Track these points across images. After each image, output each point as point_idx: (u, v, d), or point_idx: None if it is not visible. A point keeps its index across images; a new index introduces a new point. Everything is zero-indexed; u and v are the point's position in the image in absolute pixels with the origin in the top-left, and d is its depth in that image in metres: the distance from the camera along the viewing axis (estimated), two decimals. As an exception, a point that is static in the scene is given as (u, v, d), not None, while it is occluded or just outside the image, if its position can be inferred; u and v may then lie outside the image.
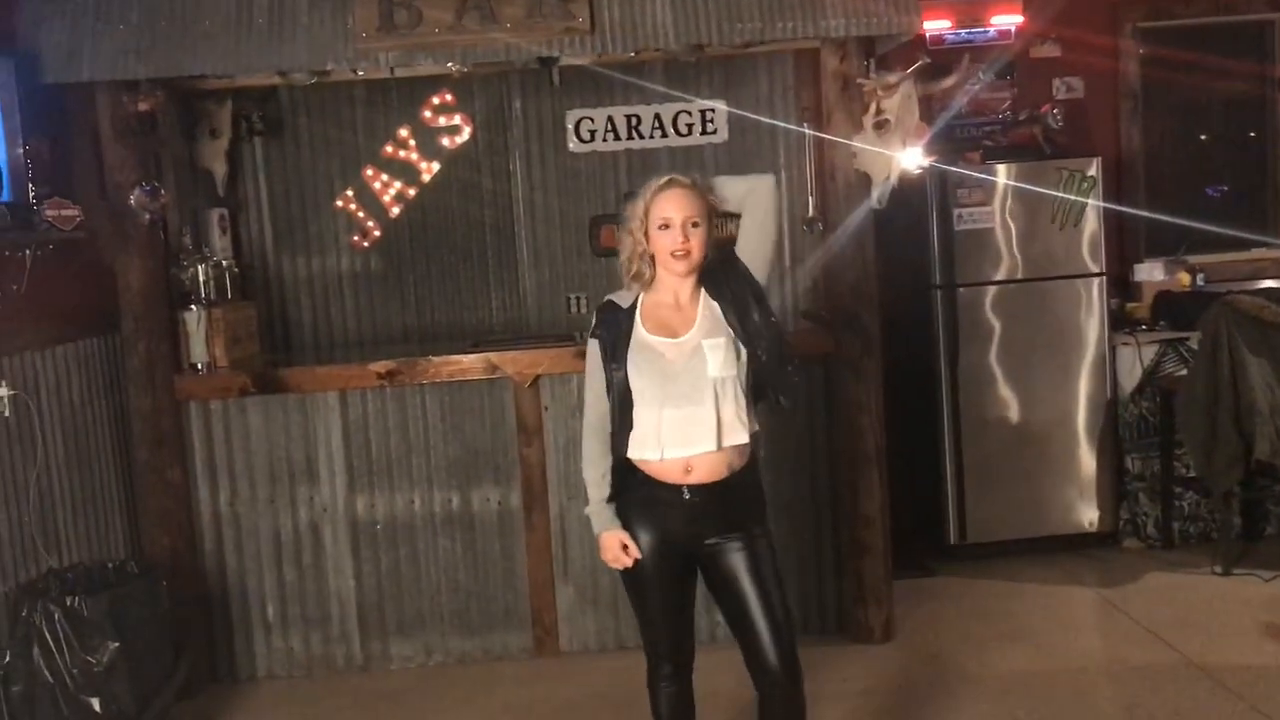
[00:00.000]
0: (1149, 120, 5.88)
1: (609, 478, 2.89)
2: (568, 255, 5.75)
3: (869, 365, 4.37)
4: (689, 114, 5.70)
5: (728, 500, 2.80)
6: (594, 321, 2.92)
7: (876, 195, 4.23)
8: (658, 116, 5.71)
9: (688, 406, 2.75)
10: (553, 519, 4.44)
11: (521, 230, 5.73)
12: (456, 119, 5.67)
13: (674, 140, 5.72)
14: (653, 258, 2.82)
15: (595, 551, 4.29)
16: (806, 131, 5.33)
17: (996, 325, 5.22)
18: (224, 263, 4.72)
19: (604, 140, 5.71)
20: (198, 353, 4.35)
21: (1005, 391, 5.23)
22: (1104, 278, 5.24)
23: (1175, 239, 5.77)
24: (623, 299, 2.92)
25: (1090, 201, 5.17)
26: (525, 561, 4.45)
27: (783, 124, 5.50)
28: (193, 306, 4.38)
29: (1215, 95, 6.02)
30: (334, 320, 5.70)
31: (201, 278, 4.50)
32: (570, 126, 5.69)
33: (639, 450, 2.81)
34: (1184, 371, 5.17)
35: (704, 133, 5.72)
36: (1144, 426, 5.27)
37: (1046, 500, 5.28)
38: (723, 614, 2.92)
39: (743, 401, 2.78)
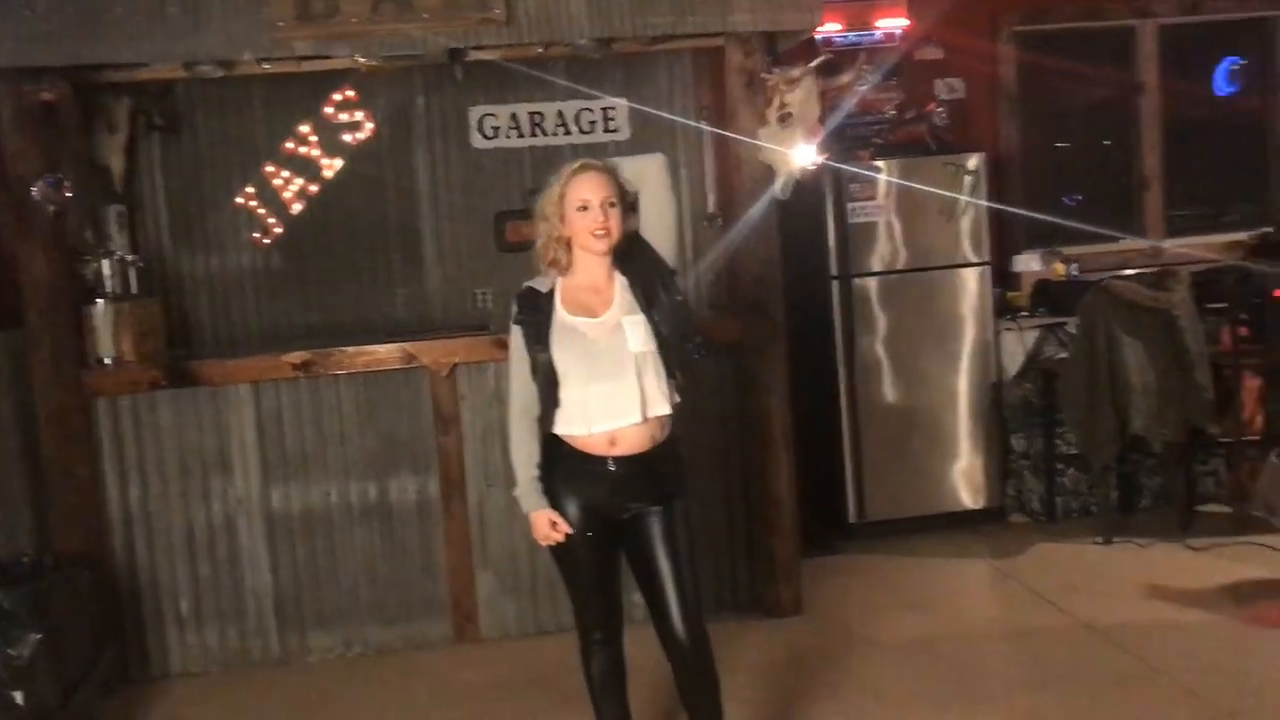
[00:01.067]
0: (1025, 120, 6.22)
1: (536, 458, 2.97)
2: (473, 251, 5.81)
3: (775, 352, 4.54)
4: (591, 111, 5.83)
5: (650, 471, 2.91)
6: (515, 308, 2.99)
7: (780, 186, 4.41)
8: (561, 113, 5.82)
9: (611, 382, 2.87)
10: (471, 507, 4.49)
11: (426, 227, 5.77)
12: (359, 115, 5.67)
13: (577, 138, 5.83)
14: (569, 242, 2.91)
15: (514, 537, 4.47)
16: (705, 128, 5.51)
17: (890, 313, 5.46)
18: (127, 258, 4.65)
19: (508, 137, 5.79)
20: (105, 348, 4.29)
21: (899, 376, 5.48)
22: (988, 267, 5.53)
23: (1050, 232, 6.11)
24: (540, 284, 3.00)
25: (965, 198, 5.44)
26: (444, 550, 4.49)
27: (683, 120, 5.66)
28: (98, 301, 4.31)
29: (1085, 97, 6.40)
30: (235, 319, 5.65)
31: (106, 272, 4.43)
32: (474, 123, 5.76)
33: (566, 426, 2.91)
34: (1063, 354, 5.49)
35: (606, 130, 5.85)
36: (1027, 407, 5.57)
37: (939, 479, 5.54)
38: (636, 582, 3.01)
39: (663, 375, 2.90)
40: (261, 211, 5.62)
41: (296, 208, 5.65)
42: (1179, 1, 6.22)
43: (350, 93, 5.64)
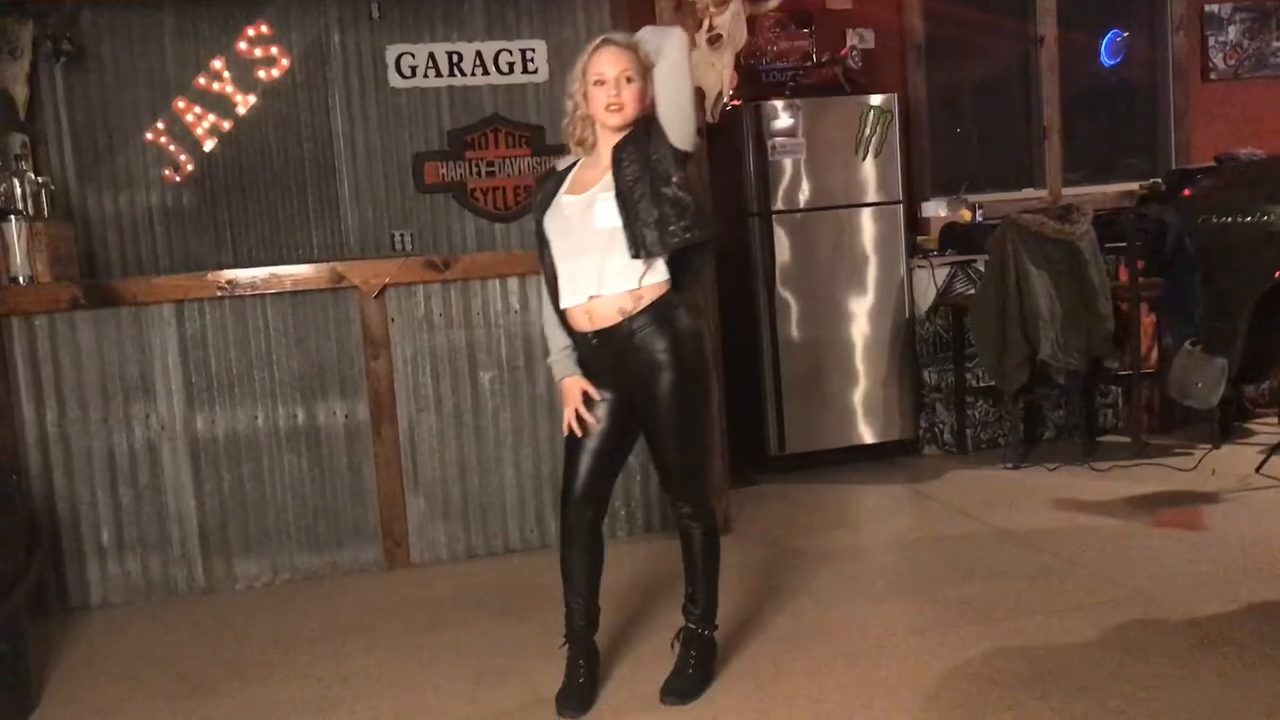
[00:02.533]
0: (932, 71, 6.41)
1: (563, 330, 3.05)
2: (391, 192, 5.76)
3: (707, 274, 4.60)
4: (510, 52, 5.83)
5: (628, 345, 2.93)
6: (536, 189, 3.11)
7: (709, 109, 4.48)
8: (479, 54, 5.81)
9: (582, 256, 2.92)
10: (401, 431, 4.46)
11: (343, 166, 5.71)
12: (273, 51, 5.59)
13: (496, 78, 5.84)
14: (594, 121, 2.95)
15: (446, 463, 4.46)
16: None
17: (807, 251, 5.58)
18: (39, 179, 4.49)
19: (426, 76, 5.76)
20: (19, 266, 4.14)
21: (816, 313, 5.60)
22: (902, 205, 5.69)
23: (956, 179, 6.32)
24: (562, 164, 3.09)
25: (876, 137, 5.60)
26: (374, 475, 4.45)
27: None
28: (12, 218, 4.16)
29: (990, 49, 6.62)
30: (144, 257, 5.52)
31: (19, 191, 4.28)
32: (391, 62, 5.71)
33: (559, 302, 3.01)
34: (973, 291, 5.68)
35: (525, 71, 5.86)
36: (939, 342, 5.76)
37: (855, 413, 5.68)
38: None
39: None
40: (172, 148, 5.49)
41: (209, 145, 5.53)
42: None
43: (264, 28, 5.56)
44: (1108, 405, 5.92)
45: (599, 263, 2.90)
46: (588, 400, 3.01)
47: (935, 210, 6.23)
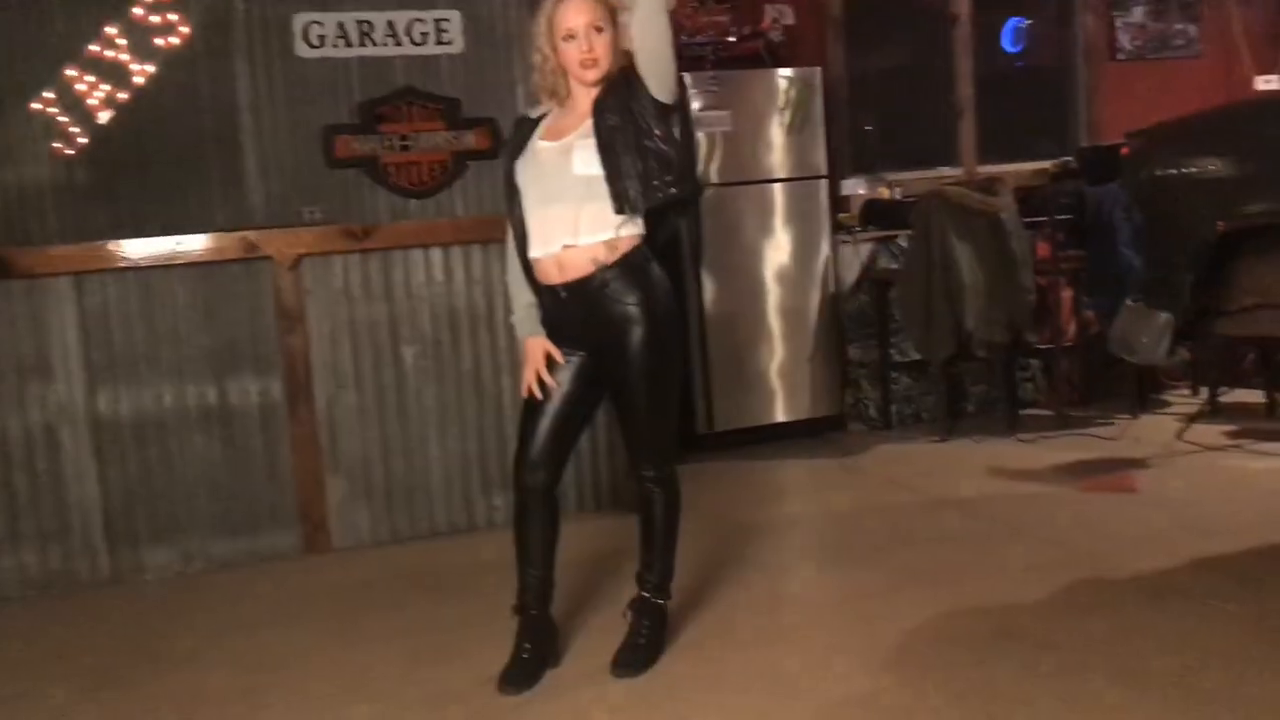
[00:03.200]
0: (850, 48, 6.39)
1: (529, 286, 2.90)
2: (299, 167, 5.47)
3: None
4: (424, 22, 5.61)
5: (601, 297, 2.80)
6: (508, 138, 3.01)
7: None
8: (391, 23, 5.56)
9: (555, 204, 2.79)
10: (319, 410, 4.25)
11: (248, 140, 5.39)
12: (172, 18, 5.30)
13: (409, 49, 5.59)
14: (565, 72, 2.80)
15: (366, 442, 4.25)
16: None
17: (732, 226, 5.50)
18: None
19: (335, 46, 5.50)
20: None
21: (742, 289, 5.53)
22: (827, 180, 5.65)
23: (873, 158, 6.32)
24: (533, 112, 2.94)
25: (798, 112, 5.55)
26: (290, 456, 4.22)
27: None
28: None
29: (904, 27, 6.64)
30: (34, 237, 5.16)
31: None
32: (298, 31, 5.46)
33: (530, 250, 2.86)
34: (896, 266, 5.66)
35: (439, 42, 5.64)
36: (863, 318, 5.74)
37: (782, 390, 5.62)
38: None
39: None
40: (64, 120, 5.16)
41: (104, 116, 5.21)
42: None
43: (162, -7, 5.28)
44: (1028, 379, 5.97)
45: (574, 211, 2.76)
46: (550, 363, 2.86)
47: (855, 188, 6.21)
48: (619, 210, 2.75)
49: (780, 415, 5.62)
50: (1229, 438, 4.97)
